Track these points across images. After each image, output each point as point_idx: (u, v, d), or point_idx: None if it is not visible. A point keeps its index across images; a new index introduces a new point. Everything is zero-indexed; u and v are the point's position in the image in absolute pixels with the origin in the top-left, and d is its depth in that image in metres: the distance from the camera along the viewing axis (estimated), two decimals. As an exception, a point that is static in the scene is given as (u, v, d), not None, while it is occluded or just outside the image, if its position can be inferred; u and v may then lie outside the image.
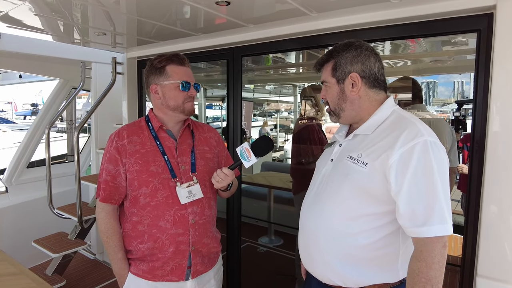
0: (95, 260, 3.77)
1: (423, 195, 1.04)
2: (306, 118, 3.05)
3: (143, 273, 1.46)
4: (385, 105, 1.22)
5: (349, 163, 1.18)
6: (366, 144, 1.17)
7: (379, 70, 1.23)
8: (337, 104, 1.25)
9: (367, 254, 1.15)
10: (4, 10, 1.83)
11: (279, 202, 3.78)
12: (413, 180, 1.04)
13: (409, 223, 1.06)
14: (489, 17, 1.47)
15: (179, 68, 1.48)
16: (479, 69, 1.51)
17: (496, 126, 1.44)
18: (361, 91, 1.22)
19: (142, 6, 1.79)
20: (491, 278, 1.47)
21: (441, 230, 1.02)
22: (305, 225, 1.30)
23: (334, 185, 1.21)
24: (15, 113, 23.30)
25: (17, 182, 3.81)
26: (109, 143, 1.49)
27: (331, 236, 1.19)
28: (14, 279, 1.60)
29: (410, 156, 1.05)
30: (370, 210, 1.13)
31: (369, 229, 1.14)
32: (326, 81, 1.27)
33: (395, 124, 1.16)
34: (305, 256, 1.32)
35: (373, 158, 1.11)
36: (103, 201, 1.47)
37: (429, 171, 1.04)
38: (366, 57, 1.21)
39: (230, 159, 1.72)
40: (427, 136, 1.08)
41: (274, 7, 1.74)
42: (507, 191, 1.42)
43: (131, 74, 3.07)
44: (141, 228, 1.45)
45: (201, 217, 1.50)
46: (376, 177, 1.10)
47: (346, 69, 1.21)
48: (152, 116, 1.53)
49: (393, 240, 1.15)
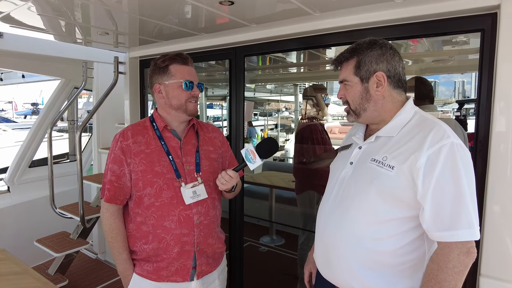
0: (97, 260, 3.78)
1: (449, 199, 1.02)
2: (308, 118, 3.05)
3: (148, 273, 1.46)
4: (407, 106, 1.19)
5: (374, 166, 1.14)
6: (390, 146, 1.14)
7: (403, 70, 1.21)
8: (359, 104, 1.21)
9: (393, 260, 1.12)
10: (7, 10, 1.84)
11: (280, 202, 3.79)
12: (438, 183, 1.02)
13: (433, 227, 1.04)
14: (493, 17, 1.46)
15: (182, 68, 1.48)
16: (483, 69, 1.51)
17: (499, 125, 1.44)
18: (385, 91, 1.18)
19: (144, 6, 1.79)
20: (494, 278, 1.47)
21: (466, 235, 1.00)
22: (325, 232, 1.25)
23: (358, 189, 1.17)
24: (16, 112, 23.32)
25: (19, 182, 3.82)
26: (114, 143, 1.48)
27: (355, 242, 1.15)
28: (18, 278, 1.60)
29: (437, 158, 1.03)
30: (397, 214, 1.10)
31: (396, 234, 1.11)
32: (347, 80, 1.22)
33: (420, 126, 1.13)
34: (324, 263, 1.27)
35: (400, 161, 1.08)
36: (108, 201, 1.46)
37: (456, 174, 1.02)
38: (392, 56, 1.18)
39: (235, 160, 1.72)
40: (453, 138, 1.06)
41: (277, 6, 1.74)
42: (510, 191, 1.42)
43: (133, 74, 3.07)
44: (146, 229, 1.45)
45: (206, 218, 1.50)
46: (404, 180, 1.07)
47: (372, 68, 1.17)
48: (157, 116, 1.52)
49: (419, 245, 1.12)
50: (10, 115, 22.00)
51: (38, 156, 4.04)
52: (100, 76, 3.69)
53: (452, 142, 1.04)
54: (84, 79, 3.47)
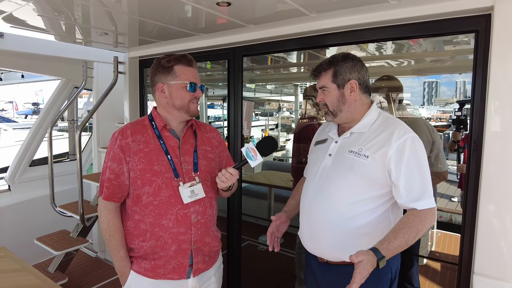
0: (96, 258, 3.80)
1: (416, 178, 1.32)
2: (308, 117, 3.06)
3: (145, 271, 1.48)
4: (372, 108, 1.48)
5: (351, 156, 1.40)
6: (363, 140, 1.41)
7: (368, 79, 1.49)
8: (336, 106, 1.46)
9: (367, 230, 1.37)
10: (8, 10, 1.86)
11: (279, 201, 3.80)
12: (407, 167, 1.31)
13: (406, 200, 1.32)
14: (487, 18, 1.48)
15: (187, 69, 1.49)
16: (477, 69, 1.53)
17: (493, 125, 1.45)
18: (357, 95, 1.45)
19: (143, 6, 1.81)
20: (488, 276, 1.49)
21: (432, 203, 1.31)
22: (309, 212, 1.49)
23: (338, 175, 1.42)
24: (16, 112, 23.31)
25: (19, 181, 3.84)
26: (113, 141, 1.48)
27: (337, 218, 1.40)
28: (18, 275, 1.62)
29: (403, 148, 1.32)
30: (370, 193, 1.37)
31: (369, 210, 1.38)
32: (326, 86, 1.47)
33: (385, 123, 1.42)
34: (309, 239, 1.52)
35: (373, 151, 1.36)
36: (106, 199, 1.47)
37: (419, 159, 1.33)
38: (361, 67, 1.46)
39: (231, 160, 1.74)
40: (412, 133, 1.36)
41: (274, 7, 1.76)
42: (504, 190, 1.44)
43: (132, 74, 3.09)
44: (143, 227, 1.46)
45: (203, 216, 1.51)
46: (376, 166, 1.35)
47: (346, 77, 1.43)
48: (156, 115, 1.53)
49: (386, 216, 1.40)
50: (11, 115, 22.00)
51: (38, 155, 4.07)
52: (100, 75, 3.71)
53: (412, 136, 1.35)
54: (84, 78, 3.49)
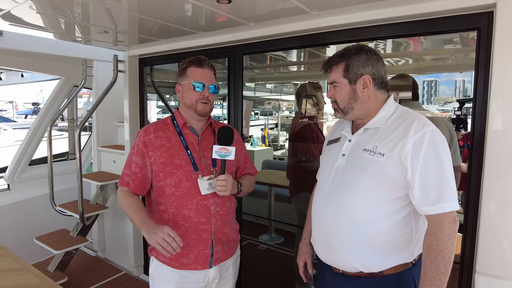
0: (96, 257, 3.79)
1: (434, 177, 1.16)
2: (304, 117, 2.97)
3: (170, 261, 1.55)
4: (389, 101, 1.33)
5: (366, 155, 1.26)
6: (379, 136, 1.27)
7: (385, 73, 1.34)
8: (347, 103, 1.33)
9: (386, 237, 1.24)
10: (7, 8, 1.85)
11: (279, 200, 3.79)
12: (424, 163, 1.16)
13: (422, 203, 1.17)
14: (489, 15, 1.47)
15: (197, 70, 1.59)
16: (479, 68, 1.51)
17: (495, 124, 1.44)
18: (371, 92, 1.31)
19: (143, 4, 1.80)
20: (489, 275, 1.48)
21: (451, 207, 1.14)
22: (322, 217, 1.36)
23: (353, 176, 1.28)
24: (16, 112, 23.29)
25: (19, 180, 3.83)
26: (137, 138, 1.62)
27: (353, 224, 1.26)
28: (17, 274, 1.61)
29: (421, 143, 1.17)
30: (388, 196, 1.23)
31: (387, 214, 1.23)
32: (336, 82, 1.34)
33: (402, 117, 1.27)
34: (324, 247, 1.38)
35: (390, 149, 1.21)
36: (133, 191, 1.57)
37: (438, 156, 1.17)
38: (376, 61, 1.31)
39: (248, 158, 1.83)
40: (432, 126, 1.21)
41: (275, 5, 1.75)
42: (506, 189, 1.43)
43: (132, 72, 3.08)
44: (167, 217, 1.55)
45: (222, 208, 1.60)
46: (393, 165, 1.20)
47: (359, 71, 1.30)
48: (177, 115, 1.66)
49: (407, 222, 1.25)
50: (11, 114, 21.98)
51: (38, 155, 4.06)
52: (100, 74, 3.69)
53: (432, 129, 1.19)
54: (83, 77, 3.48)
